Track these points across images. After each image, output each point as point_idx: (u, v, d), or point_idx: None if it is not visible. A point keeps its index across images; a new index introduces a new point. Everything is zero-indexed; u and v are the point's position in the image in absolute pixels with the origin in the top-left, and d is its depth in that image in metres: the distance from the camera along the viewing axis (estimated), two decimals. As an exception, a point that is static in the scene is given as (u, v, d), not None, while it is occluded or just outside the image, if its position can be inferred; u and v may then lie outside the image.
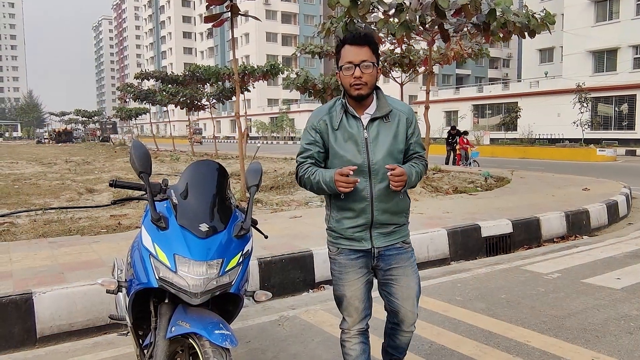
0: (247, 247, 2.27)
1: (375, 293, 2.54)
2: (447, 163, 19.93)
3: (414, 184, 2.42)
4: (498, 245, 6.56)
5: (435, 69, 24.84)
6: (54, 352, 3.54)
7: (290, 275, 4.94)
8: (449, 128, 21.75)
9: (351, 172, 2.22)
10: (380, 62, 2.47)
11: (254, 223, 2.50)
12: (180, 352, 2.23)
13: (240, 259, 2.18)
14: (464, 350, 3.40)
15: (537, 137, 34.05)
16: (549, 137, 34.28)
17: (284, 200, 8.97)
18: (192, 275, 2.03)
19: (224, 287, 2.11)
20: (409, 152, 2.46)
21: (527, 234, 6.87)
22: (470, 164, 18.82)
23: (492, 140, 35.11)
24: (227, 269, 2.11)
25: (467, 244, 6.28)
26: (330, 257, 2.53)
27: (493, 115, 43.11)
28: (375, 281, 2.56)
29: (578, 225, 7.51)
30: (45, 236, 6.09)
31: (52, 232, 6.31)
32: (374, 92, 2.41)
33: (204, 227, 2.12)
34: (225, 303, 2.34)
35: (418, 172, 2.42)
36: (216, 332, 2.02)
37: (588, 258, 5.87)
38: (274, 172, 14.18)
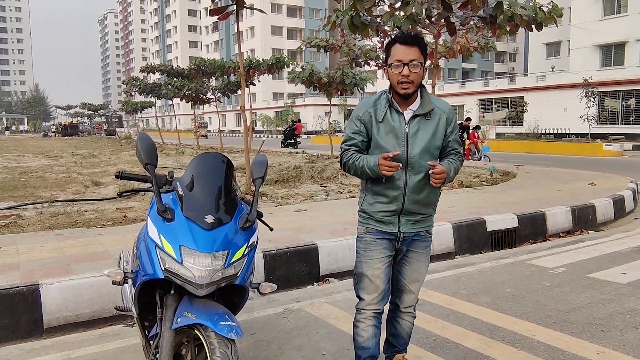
0: (253, 239, 2.27)
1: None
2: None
3: (452, 179, 2.57)
4: (503, 240, 6.55)
5: (441, 62, 24.80)
6: (61, 343, 3.57)
7: (295, 268, 4.95)
8: (465, 119, 20.71)
9: (391, 156, 2.38)
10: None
11: (260, 215, 2.50)
12: (186, 343, 2.25)
13: (246, 251, 2.19)
14: (468, 343, 3.40)
15: (544, 131, 33.83)
16: (556, 131, 34.07)
17: (289, 194, 8.98)
18: (198, 266, 2.04)
19: (229, 278, 2.12)
20: (447, 148, 2.60)
21: (532, 229, 6.85)
22: (480, 158, 18.37)
23: (498, 134, 34.97)
24: (232, 261, 2.11)
25: (473, 238, 6.27)
26: (357, 236, 2.68)
27: (499, 110, 42.91)
28: None
29: (584, 219, 7.48)
30: (52, 228, 6.13)
31: (58, 224, 6.35)
32: (419, 89, 2.53)
33: (209, 218, 2.13)
34: (230, 295, 2.35)
35: (456, 168, 2.59)
36: (222, 323, 2.03)
37: (594, 253, 5.84)
38: (279, 165, 14.18)
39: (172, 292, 2.19)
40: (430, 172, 2.42)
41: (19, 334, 3.74)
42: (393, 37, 2.53)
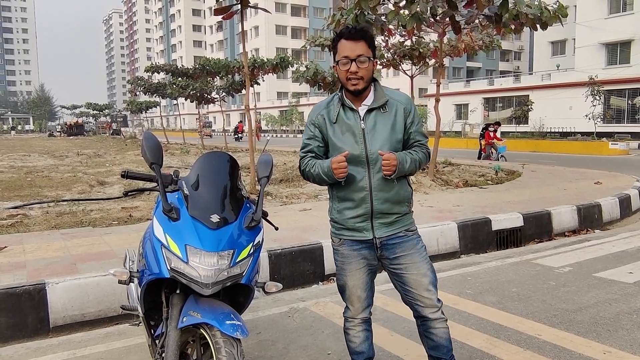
0: (258, 239, 2.27)
1: (389, 285, 2.55)
2: (479, 158, 18.66)
3: (408, 170, 2.40)
4: (509, 239, 6.53)
5: (446, 61, 24.73)
6: (67, 342, 3.58)
7: (300, 268, 4.95)
8: (494, 122, 19.94)
9: (343, 158, 2.28)
10: (390, 55, 2.48)
11: (265, 215, 2.49)
12: (192, 342, 2.25)
13: (251, 250, 2.19)
14: (474, 343, 3.39)
15: (549, 130, 33.71)
16: (561, 130, 33.93)
17: (294, 193, 8.98)
18: (204, 265, 2.04)
19: (235, 278, 2.12)
20: (409, 141, 2.47)
21: (538, 228, 6.82)
22: (497, 159, 17.53)
23: (503, 133, 34.78)
24: (238, 260, 2.11)
25: (478, 237, 6.26)
26: (333, 248, 2.58)
27: (504, 109, 42.74)
28: (385, 274, 2.56)
29: (590, 219, 7.45)
30: (58, 228, 6.15)
31: (64, 223, 6.37)
32: (372, 84, 2.44)
33: (215, 218, 2.13)
34: (236, 294, 2.35)
35: (415, 159, 2.42)
36: (227, 322, 2.03)
37: (600, 252, 5.82)
38: (284, 165, 14.19)
39: (177, 291, 2.19)
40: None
41: (26, 332, 3.75)
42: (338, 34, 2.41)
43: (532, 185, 9.84)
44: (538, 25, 8.84)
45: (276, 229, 2.74)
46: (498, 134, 18.83)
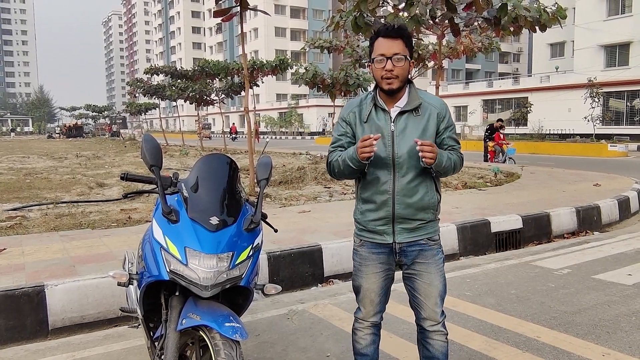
0: (257, 241, 2.27)
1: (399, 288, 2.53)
2: (485, 160, 17.65)
3: (444, 167, 2.31)
4: (508, 241, 6.53)
5: (445, 63, 24.77)
6: (66, 344, 3.58)
7: (299, 270, 4.95)
8: (495, 120, 18.97)
9: (373, 139, 2.18)
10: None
11: (264, 217, 2.49)
12: (191, 344, 2.25)
13: (250, 252, 2.19)
14: (473, 345, 3.40)
15: (548, 132, 33.75)
16: (560, 132, 33.98)
17: (293, 195, 8.98)
18: (203, 268, 2.04)
19: (234, 280, 2.12)
20: (442, 146, 2.38)
21: (537, 230, 6.83)
22: (505, 161, 16.89)
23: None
24: (237, 262, 2.11)
25: (477, 239, 6.26)
26: (353, 248, 2.54)
27: (503, 110, 42.76)
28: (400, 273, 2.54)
29: (589, 220, 7.45)
30: (57, 230, 6.15)
31: (63, 225, 6.37)
32: (407, 85, 2.38)
33: (214, 220, 2.13)
34: (235, 296, 2.35)
35: (451, 158, 2.34)
36: (226, 324, 2.03)
37: (599, 254, 5.83)
38: (283, 167, 14.19)
39: (177, 293, 2.19)
40: (417, 147, 2.19)
41: (25, 334, 3.75)
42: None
43: (531, 187, 9.85)
44: (537, 28, 8.86)
45: (275, 231, 2.74)
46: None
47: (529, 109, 35.54)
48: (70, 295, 3.91)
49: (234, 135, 48.85)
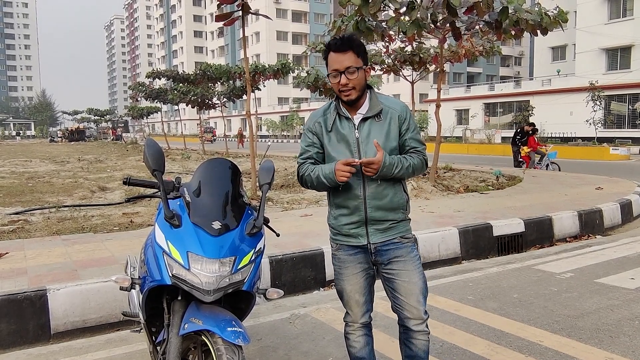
0: (260, 245, 2.28)
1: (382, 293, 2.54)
2: (517, 165, 16.34)
3: (398, 174, 2.36)
4: (510, 245, 6.52)
5: (446, 66, 24.71)
6: (68, 348, 3.58)
7: (301, 274, 4.95)
8: (525, 124, 17.80)
9: (352, 162, 2.27)
10: (391, 60, 2.46)
11: (266, 221, 2.49)
12: (193, 349, 2.25)
13: (253, 257, 2.19)
14: (475, 349, 3.39)
15: (550, 135, 33.71)
16: (562, 135, 33.94)
17: (295, 199, 8.98)
18: (205, 272, 2.04)
19: (236, 284, 2.12)
20: (404, 147, 2.45)
21: (539, 233, 6.82)
22: (548, 166, 15.54)
23: (503, 139, 34.81)
24: (239, 267, 2.12)
25: (479, 243, 6.25)
26: (332, 253, 2.59)
27: (505, 114, 42.79)
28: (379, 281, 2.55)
29: (591, 224, 7.44)
30: (59, 234, 6.16)
31: (65, 229, 6.38)
32: (368, 91, 2.43)
33: (216, 224, 2.13)
34: (237, 300, 2.35)
35: (409, 164, 2.39)
36: (229, 329, 2.03)
37: (601, 258, 5.81)
38: (285, 170, 14.20)
39: (179, 298, 2.20)
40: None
41: (27, 339, 3.75)
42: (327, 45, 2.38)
43: (533, 191, 9.84)
44: (538, 31, 8.87)
45: (277, 235, 2.75)
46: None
47: (530, 112, 35.52)
48: (73, 300, 3.91)
49: (215, 138, 48.03)
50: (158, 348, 2.39)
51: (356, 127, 2.39)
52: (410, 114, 2.50)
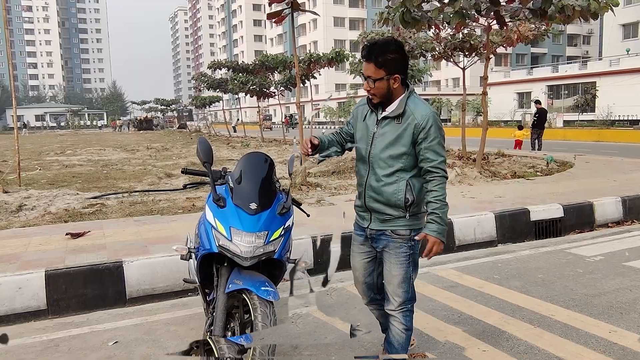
0: (288, 223, 2.80)
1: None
2: (533, 148, 17.11)
3: (447, 211, 2.56)
4: (548, 229, 6.69)
5: (508, 49, 24.11)
6: (140, 310, 4.28)
7: (340, 252, 5.42)
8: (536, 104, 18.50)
9: (315, 140, 2.72)
10: (442, 47, 2.79)
11: (299, 204, 3.04)
12: (236, 307, 2.81)
13: (282, 232, 2.72)
14: (489, 320, 3.76)
15: (617, 118, 32.19)
16: (630, 118, 32.30)
17: (342, 185, 9.46)
18: (244, 243, 2.59)
19: (268, 254, 2.65)
20: (419, 156, 2.57)
21: (579, 219, 6.94)
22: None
23: (565, 122, 33.61)
24: (271, 239, 2.65)
25: (515, 227, 6.49)
26: None
27: (569, 96, 41.10)
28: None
29: (636, 210, 7.44)
30: (131, 215, 6.97)
31: (136, 212, 7.19)
32: (404, 94, 2.61)
33: (253, 205, 2.67)
34: (272, 268, 2.89)
35: (438, 197, 2.50)
36: (262, 288, 2.57)
37: (638, 243, 5.91)
38: (336, 157, 14.61)
39: (225, 264, 2.76)
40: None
41: (107, 302, 4.49)
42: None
43: (582, 177, 9.80)
44: (588, 16, 8.77)
45: (308, 215, 3.27)
46: None
47: (594, 94, 33.96)
48: (143, 270, 4.62)
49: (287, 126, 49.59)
50: (210, 305, 2.98)
51: (377, 123, 2.67)
52: (434, 123, 2.54)
